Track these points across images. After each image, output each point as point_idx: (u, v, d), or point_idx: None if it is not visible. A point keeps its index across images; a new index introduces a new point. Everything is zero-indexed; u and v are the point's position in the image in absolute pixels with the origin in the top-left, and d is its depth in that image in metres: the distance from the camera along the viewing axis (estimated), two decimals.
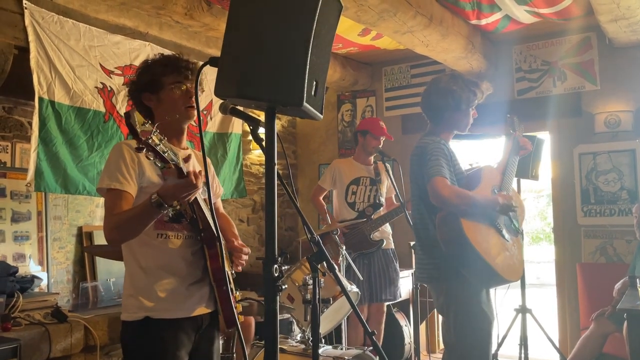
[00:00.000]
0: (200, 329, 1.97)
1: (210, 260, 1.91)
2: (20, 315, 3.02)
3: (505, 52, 5.18)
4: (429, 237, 2.64)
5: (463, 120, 2.76)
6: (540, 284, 11.06)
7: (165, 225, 1.91)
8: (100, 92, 3.66)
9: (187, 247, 1.94)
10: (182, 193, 1.73)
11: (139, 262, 1.92)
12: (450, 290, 2.63)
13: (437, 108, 2.74)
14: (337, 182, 4.22)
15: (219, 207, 2.32)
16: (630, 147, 4.64)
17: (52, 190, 3.38)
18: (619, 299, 3.66)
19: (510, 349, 3.93)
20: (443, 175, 2.50)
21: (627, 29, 4.16)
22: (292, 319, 3.14)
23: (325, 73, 1.40)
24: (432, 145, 2.61)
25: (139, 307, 1.88)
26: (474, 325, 2.58)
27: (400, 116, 5.65)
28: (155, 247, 1.90)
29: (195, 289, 1.94)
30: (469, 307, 2.58)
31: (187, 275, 1.93)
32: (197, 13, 3.57)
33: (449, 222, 2.51)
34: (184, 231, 1.94)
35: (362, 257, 4.02)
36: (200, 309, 1.95)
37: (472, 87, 2.74)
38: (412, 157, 2.71)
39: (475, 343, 2.58)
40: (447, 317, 2.68)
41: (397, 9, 3.52)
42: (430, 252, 2.66)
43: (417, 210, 2.74)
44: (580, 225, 4.81)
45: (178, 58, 2.00)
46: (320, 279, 1.98)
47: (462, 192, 2.53)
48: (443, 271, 2.60)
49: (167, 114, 1.97)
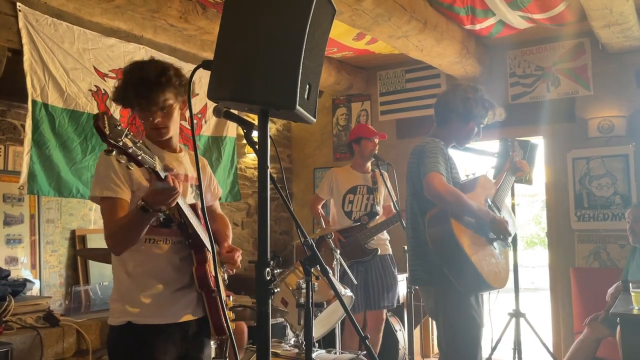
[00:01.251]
0: (188, 336, 1.95)
1: (197, 265, 1.90)
2: (12, 319, 2.99)
3: (499, 57, 5.20)
4: (420, 238, 2.64)
5: (464, 133, 2.77)
6: (534, 288, 11.09)
7: (154, 230, 1.90)
8: (94, 95, 3.65)
9: (175, 253, 1.93)
10: (163, 197, 1.69)
11: (126, 267, 1.92)
12: (438, 294, 2.62)
13: (446, 109, 2.75)
14: (334, 191, 4.21)
15: (217, 208, 2.31)
16: (624, 152, 4.66)
17: (45, 194, 3.36)
18: (612, 303, 3.67)
19: (504, 353, 3.93)
20: (439, 171, 2.51)
21: (620, 34, 4.18)
22: (285, 323, 3.13)
23: (318, 76, 1.40)
24: (432, 145, 2.63)
25: (122, 311, 1.88)
26: (462, 330, 2.57)
27: (395, 120, 5.66)
28: (142, 252, 1.89)
29: (182, 295, 1.92)
30: (457, 313, 2.57)
31: (173, 281, 1.91)
32: (191, 16, 3.57)
33: (439, 221, 2.51)
34: (172, 236, 1.92)
35: (358, 265, 4.00)
36: (187, 315, 1.93)
37: (486, 105, 2.76)
38: (411, 155, 2.71)
39: (464, 349, 2.57)
40: (436, 321, 2.68)
41: (391, 14, 3.53)
42: (419, 254, 2.66)
43: (410, 210, 2.74)
44: (573, 229, 4.83)
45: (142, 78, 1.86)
46: (313, 282, 1.98)
47: (456, 191, 2.53)
48: (431, 274, 2.60)
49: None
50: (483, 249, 2.58)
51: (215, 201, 2.28)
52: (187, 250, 1.93)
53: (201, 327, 1.98)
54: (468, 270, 2.46)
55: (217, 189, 2.28)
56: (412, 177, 2.70)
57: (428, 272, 2.62)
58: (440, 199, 2.48)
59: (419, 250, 2.66)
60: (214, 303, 1.93)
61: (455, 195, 2.50)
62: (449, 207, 2.50)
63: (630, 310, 3.07)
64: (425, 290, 2.73)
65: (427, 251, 2.59)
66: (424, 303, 2.78)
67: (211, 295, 1.92)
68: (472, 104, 2.72)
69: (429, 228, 2.55)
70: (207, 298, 1.93)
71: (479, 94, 2.76)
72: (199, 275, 1.88)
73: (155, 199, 1.69)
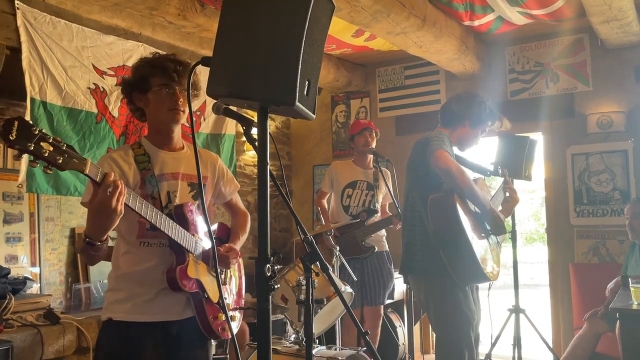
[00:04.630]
0: (171, 335, 1.92)
1: (170, 267, 1.87)
2: (12, 317, 3.00)
3: (498, 54, 5.20)
4: (416, 226, 2.64)
5: (470, 137, 2.81)
6: (534, 284, 11.11)
7: (147, 234, 1.90)
8: (93, 93, 3.64)
9: (170, 255, 1.91)
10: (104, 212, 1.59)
11: (118, 266, 1.94)
12: (428, 287, 2.63)
13: (459, 112, 2.78)
14: (334, 185, 4.20)
15: (237, 202, 2.28)
16: (623, 148, 4.66)
17: (44, 192, 3.36)
18: (612, 298, 3.68)
19: (503, 349, 3.94)
20: (447, 150, 2.53)
21: (619, 30, 4.18)
22: (285, 320, 3.13)
23: (317, 73, 1.40)
24: (437, 133, 2.67)
25: (106, 308, 1.92)
26: (451, 324, 2.58)
27: (394, 117, 5.65)
28: (135, 254, 1.91)
29: (166, 294, 1.90)
30: (446, 307, 2.58)
31: (158, 282, 1.89)
32: (190, 14, 3.56)
33: (443, 202, 2.51)
34: (165, 239, 1.90)
35: (354, 261, 4.00)
36: (170, 314, 1.91)
37: (494, 111, 2.83)
38: (416, 145, 2.73)
39: (454, 344, 2.57)
40: (428, 314, 2.69)
41: (390, 10, 3.52)
42: (415, 243, 2.67)
43: (408, 199, 2.74)
44: (573, 225, 4.83)
45: (167, 58, 1.95)
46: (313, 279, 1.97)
47: (463, 169, 2.55)
48: (425, 263, 2.60)
49: (154, 114, 1.96)
50: (480, 240, 2.59)
51: (233, 194, 2.25)
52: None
53: (193, 327, 1.95)
54: (467, 257, 2.46)
55: (233, 182, 2.23)
56: (415, 164, 2.71)
57: (421, 261, 2.62)
58: (448, 173, 2.49)
59: (414, 240, 2.67)
60: (200, 305, 1.92)
61: (462, 173, 2.52)
62: (456, 183, 2.49)
63: (629, 306, 3.07)
64: (416, 282, 2.73)
65: (422, 240, 2.59)
66: (415, 296, 2.79)
67: (197, 297, 1.91)
68: (484, 107, 2.77)
69: (431, 210, 2.54)
70: (194, 300, 1.93)
71: (488, 101, 2.83)
72: (168, 277, 1.86)
73: (95, 222, 1.62)
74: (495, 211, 2.63)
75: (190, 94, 1.52)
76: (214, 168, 2.14)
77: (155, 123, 2.00)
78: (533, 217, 14.26)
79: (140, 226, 1.90)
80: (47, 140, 1.43)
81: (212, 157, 2.17)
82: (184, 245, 1.88)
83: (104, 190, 1.59)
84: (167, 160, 1.98)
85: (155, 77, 1.91)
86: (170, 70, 1.90)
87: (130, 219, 1.86)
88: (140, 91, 1.94)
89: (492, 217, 2.61)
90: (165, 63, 1.92)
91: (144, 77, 1.93)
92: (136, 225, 1.90)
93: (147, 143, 2.00)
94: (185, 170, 2.01)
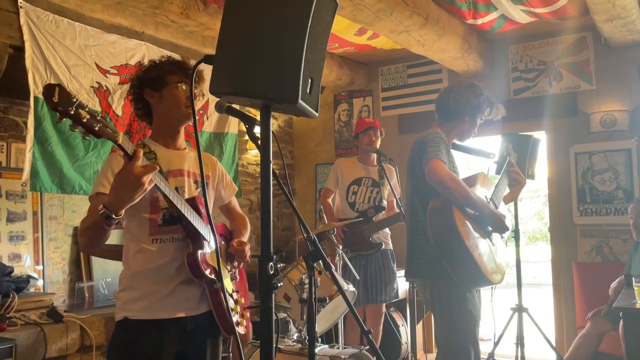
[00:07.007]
0: (186, 332, 1.93)
1: (189, 253, 1.89)
2: (15, 315, 3.01)
3: (501, 52, 5.19)
4: (419, 230, 2.64)
5: (468, 128, 2.80)
6: (537, 283, 11.09)
7: (159, 230, 1.92)
8: (96, 92, 3.64)
9: (181, 250, 1.92)
10: (128, 187, 1.61)
11: (130, 264, 1.94)
12: (434, 288, 2.62)
13: (454, 104, 2.77)
14: (340, 182, 4.22)
15: (235, 206, 2.32)
16: (626, 147, 4.65)
17: (48, 190, 3.37)
18: (615, 298, 3.67)
19: (507, 348, 3.93)
20: (441, 159, 2.51)
21: (623, 28, 4.17)
22: (288, 319, 3.13)
23: (320, 71, 1.39)
24: (433, 135, 2.64)
25: (120, 307, 1.92)
26: (457, 324, 2.57)
27: (397, 116, 5.65)
28: (148, 252, 1.91)
29: (181, 290, 1.91)
30: (453, 307, 2.57)
31: (173, 278, 1.91)
32: (193, 12, 3.57)
33: (441, 213, 2.50)
34: (178, 234, 1.93)
35: (360, 258, 4.01)
36: (184, 310, 1.92)
37: (490, 101, 2.83)
38: (413, 147, 2.72)
39: (460, 343, 2.57)
40: (433, 315, 2.68)
41: (393, 9, 3.52)
42: (418, 247, 2.66)
43: (410, 203, 2.74)
44: (576, 224, 4.82)
45: (186, 62, 2.03)
46: (316, 278, 1.98)
47: (457, 178, 2.53)
48: (429, 267, 2.60)
49: (167, 112, 1.98)
50: (482, 243, 2.58)
51: (231, 198, 2.29)
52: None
53: (205, 323, 1.97)
54: (469, 265, 2.45)
55: (232, 186, 2.28)
56: (413, 169, 2.70)
57: (426, 264, 2.61)
58: (442, 185, 2.47)
59: (418, 243, 2.66)
60: (216, 297, 1.92)
61: (457, 182, 2.49)
62: (451, 194, 2.48)
63: (632, 305, 3.07)
64: (422, 283, 2.73)
65: (425, 244, 2.59)
66: (421, 296, 2.78)
67: (213, 288, 1.92)
68: (482, 100, 2.76)
69: (431, 220, 2.54)
70: (210, 291, 1.92)
71: (484, 90, 2.81)
72: (189, 261, 1.87)
73: (119, 192, 1.63)
74: (495, 213, 2.62)
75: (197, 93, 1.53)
76: (214, 170, 2.19)
77: (165, 120, 2.02)
78: (536, 216, 14.21)
79: (152, 223, 1.91)
80: (84, 108, 1.49)
81: (213, 160, 2.22)
82: (202, 233, 1.90)
83: (134, 162, 1.61)
84: (173, 158, 2.01)
85: (173, 75, 1.96)
86: (189, 71, 1.96)
87: (142, 217, 1.89)
88: (155, 88, 1.97)
89: (493, 219, 2.61)
90: (184, 65, 2.01)
91: (161, 74, 1.96)
92: (147, 223, 1.91)
93: (151, 142, 2.03)
94: (189, 168, 2.05)
